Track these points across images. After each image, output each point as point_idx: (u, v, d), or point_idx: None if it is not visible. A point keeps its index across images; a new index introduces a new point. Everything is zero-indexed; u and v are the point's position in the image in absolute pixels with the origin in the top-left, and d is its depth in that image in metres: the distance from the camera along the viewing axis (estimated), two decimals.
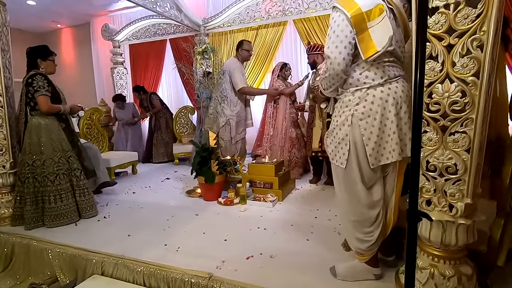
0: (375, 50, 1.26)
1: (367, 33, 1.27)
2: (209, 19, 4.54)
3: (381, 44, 1.25)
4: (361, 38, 1.28)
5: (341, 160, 1.40)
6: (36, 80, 2.25)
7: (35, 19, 5.67)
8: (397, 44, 1.34)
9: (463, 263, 1.24)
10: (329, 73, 1.37)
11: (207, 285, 1.53)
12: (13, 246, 2.13)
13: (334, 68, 1.34)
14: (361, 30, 1.27)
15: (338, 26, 1.30)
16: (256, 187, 2.85)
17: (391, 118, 1.31)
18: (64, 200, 2.32)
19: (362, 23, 1.27)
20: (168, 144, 4.74)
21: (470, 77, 1.06)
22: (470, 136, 1.09)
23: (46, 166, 2.28)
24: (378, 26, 1.26)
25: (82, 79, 6.43)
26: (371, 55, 1.27)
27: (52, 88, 2.34)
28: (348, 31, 1.28)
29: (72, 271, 1.89)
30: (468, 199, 1.13)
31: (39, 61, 2.34)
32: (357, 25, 1.27)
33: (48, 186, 2.28)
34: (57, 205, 2.29)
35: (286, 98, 3.47)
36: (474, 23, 1.02)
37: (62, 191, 2.32)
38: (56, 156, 2.31)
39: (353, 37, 1.29)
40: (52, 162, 2.30)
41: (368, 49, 1.27)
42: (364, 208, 1.41)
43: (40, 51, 2.36)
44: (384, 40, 1.25)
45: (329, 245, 1.87)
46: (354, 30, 1.27)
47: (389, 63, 1.34)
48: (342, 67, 1.32)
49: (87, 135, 3.76)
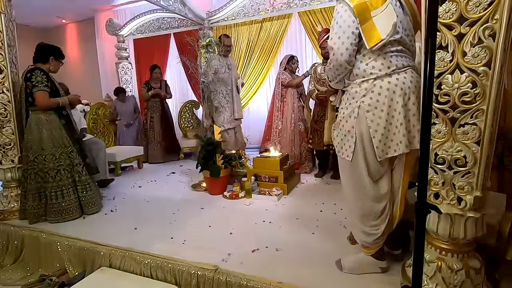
0: (380, 38, 1.23)
1: (371, 21, 1.24)
2: (213, 13, 4.50)
3: (385, 32, 1.22)
4: (365, 27, 1.25)
5: (347, 152, 1.39)
6: (35, 75, 2.23)
7: (40, 15, 5.68)
8: (405, 32, 1.30)
9: (471, 256, 1.23)
10: (333, 64, 1.36)
11: (213, 277, 1.54)
12: (23, 238, 2.17)
13: (338, 59, 1.32)
14: (364, 19, 1.25)
15: (341, 17, 1.29)
16: (261, 181, 2.85)
17: (399, 109, 1.28)
18: (66, 196, 2.32)
19: (366, 12, 1.24)
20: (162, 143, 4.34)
21: (482, 67, 1.03)
22: (480, 128, 1.07)
23: (47, 162, 2.28)
24: (382, 14, 1.24)
25: (87, 74, 6.46)
26: (375, 44, 1.24)
27: (51, 83, 2.33)
28: (351, 21, 1.26)
29: (81, 263, 1.92)
30: (478, 192, 1.12)
31: (51, 59, 2.35)
32: (361, 14, 1.24)
33: (49, 182, 2.28)
34: (59, 201, 2.29)
35: (293, 91, 3.45)
36: (487, 11, 0.99)
37: (63, 187, 2.32)
38: (57, 152, 2.31)
39: (356, 26, 1.26)
40: (53, 158, 2.29)
41: (372, 37, 1.24)
42: (370, 201, 1.39)
43: (56, 50, 2.40)
44: (388, 28, 1.22)
45: (334, 239, 1.87)
46: (357, 20, 1.25)
47: (397, 52, 1.31)
48: (345, 57, 1.30)
49: (93, 130, 3.79)
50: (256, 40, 4.45)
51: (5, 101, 2.33)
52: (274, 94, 3.63)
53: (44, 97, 2.25)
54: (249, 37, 4.48)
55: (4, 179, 2.45)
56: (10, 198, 2.45)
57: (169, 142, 4.43)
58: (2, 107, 2.32)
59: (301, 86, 3.57)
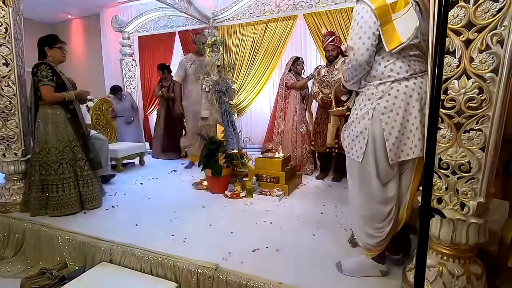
0: (399, 41, 1.24)
1: (392, 24, 1.24)
2: (218, 12, 4.51)
3: (405, 35, 1.23)
4: (385, 29, 1.25)
5: (358, 153, 1.39)
6: (40, 69, 2.26)
7: (47, 9, 5.71)
8: (423, 37, 1.30)
9: (472, 262, 1.22)
10: (351, 64, 1.35)
11: (213, 276, 1.54)
12: (24, 231, 2.18)
13: (357, 59, 1.31)
14: (385, 21, 1.25)
15: (361, 18, 1.28)
16: (262, 181, 2.85)
17: (415, 113, 1.29)
18: (66, 190, 2.33)
19: (387, 14, 1.24)
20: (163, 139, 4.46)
21: (489, 73, 1.03)
22: (485, 134, 1.07)
23: (51, 154, 2.30)
24: (403, 18, 1.24)
25: (91, 70, 6.48)
26: (395, 47, 1.25)
27: (57, 77, 2.34)
28: (372, 22, 1.26)
29: (81, 258, 1.93)
30: (481, 198, 1.12)
31: (46, 49, 2.35)
32: (382, 17, 1.24)
33: (51, 174, 2.30)
34: (59, 195, 2.30)
35: (296, 93, 3.45)
36: (495, 18, 1.00)
37: (64, 180, 2.32)
38: (60, 145, 2.33)
39: (377, 28, 1.26)
40: (56, 151, 2.31)
41: (392, 40, 1.25)
42: (377, 203, 1.39)
43: (46, 39, 2.37)
44: (410, 31, 1.22)
45: (335, 241, 1.87)
46: (378, 21, 1.25)
47: (415, 57, 1.31)
48: (365, 57, 1.30)
49: (96, 126, 3.80)
50: (260, 41, 4.45)
51: (11, 94, 2.34)
52: (277, 95, 3.63)
53: (48, 91, 2.27)
54: (254, 38, 4.48)
55: (7, 172, 2.46)
56: (12, 191, 2.46)
57: (168, 139, 4.51)
58: (8, 100, 2.33)
59: (305, 88, 3.57)
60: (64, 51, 2.44)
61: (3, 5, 2.24)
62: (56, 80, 2.32)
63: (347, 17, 3.82)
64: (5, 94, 2.32)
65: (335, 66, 3.05)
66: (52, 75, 2.30)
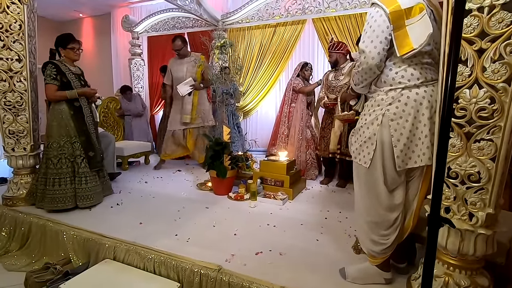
0: (411, 47, 1.23)
1: (404, 30, 1.24)
2: (228, 14, 4.54)
3: (418, 42, 1.22)
4: (397, 34, 1.25)
5: (365, 159, 1.38)
6: (46, 69, 2.34)
7: (59, 8, 5.79)
8: (436, 46, 1.30)
9: (479, 274, 1.21)
10: (362, 68, 1.34)
11: (216, 277, 1.54)
12: (30, 226, 2.20)
13: (368, 62, 1.30)
14: (398, 26, 1.24)
15: (375, 21, 1.28)
16: (267, 184, 2.85)
17: (424, 121, 1.28)
18: (62, 185, 2.34)
19: (401, 19, 1.24)
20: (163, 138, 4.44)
21: (501, 83, 1.03)
22: (496, 144, 1.06)
23: (52, 149, 2.35)
24: (417, 24, 1.23)
25: (100, 68, 6.55)
26: (406, 52, 1.24)
27: (62, 76, 2.37)
28: (385, 26, 1.26)
29: (85, 254, 1.94)
30: (490, 209, 1.10)
31: (60, 49, 2.43)
32: (395, 21, 1.24)
33: (50, 168, 2.34)
34: (55, 189, 2.32)
35: (303, 98, 3.45)
36: (509, 28, 0.99)
37: (61, 175, 2.35)
38: (62, 140, 2.37)
39: (389, 32, 1.26)
40: (57, 146, 2.35)
41: (403, 46, 1.24)
42: (383, 210, 1.39)
43: (60, 39, 2.43)
44: (423, 38, 1.22)
45: (339, 247, 1.86)
46: (391, 26, 1.25)
47: (427, 65, 1.30)
48: (376, 61, 1.29)
49: (103, 124, 3.84)
50: (268, 44, 4.47)
51: (22, 89, 2.38)
52: (283, 99, 3.63)
53: (50, 90, 2.34)
54: (262, 41, 4.50)
55: (16, 166, 2.50)
56: (20, 185, 2.49)
57: None
58: (19, 95, 2.37)
59: (312, 95, 3.57)
60: (77, 51, 2.47)
61: (19, 2, 2.29)
62: (60, 79, 2.36)
63: (355, 22, 3.82)
64: (17, 89, 2.36)
65: (342, 71, 3.05)
66: (56, 74, 2.34)
